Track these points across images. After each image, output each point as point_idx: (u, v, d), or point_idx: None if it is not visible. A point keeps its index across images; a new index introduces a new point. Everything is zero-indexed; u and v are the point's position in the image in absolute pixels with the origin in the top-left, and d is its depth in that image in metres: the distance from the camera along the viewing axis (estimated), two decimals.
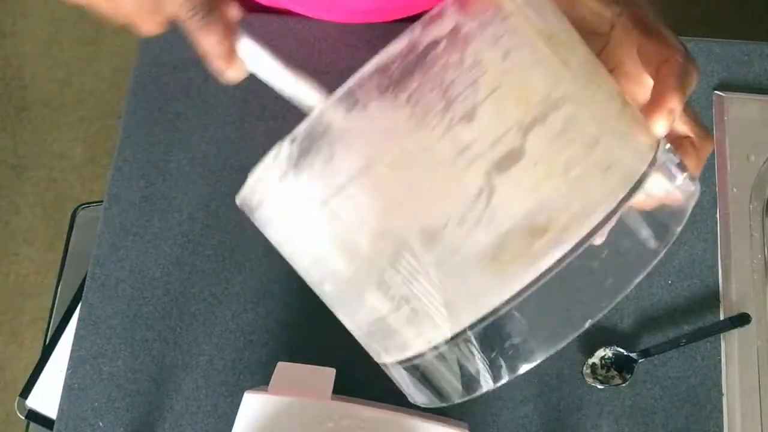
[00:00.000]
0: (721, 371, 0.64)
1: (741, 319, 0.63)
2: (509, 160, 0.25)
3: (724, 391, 0.63)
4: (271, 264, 0.68)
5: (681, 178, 0.30)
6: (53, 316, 0.99)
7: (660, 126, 0.30)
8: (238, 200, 0.31)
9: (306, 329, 0.66)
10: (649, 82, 0.33)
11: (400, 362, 0.30)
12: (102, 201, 0.72)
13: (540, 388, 0.64)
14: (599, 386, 0.63)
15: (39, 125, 1.66)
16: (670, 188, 0.29)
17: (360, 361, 0.65)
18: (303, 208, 0.28)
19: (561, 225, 0.26)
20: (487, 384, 0.28)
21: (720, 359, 0.64)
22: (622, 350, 0.63)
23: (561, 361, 0.64)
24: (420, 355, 0.29)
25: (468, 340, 0.27)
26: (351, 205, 0.27)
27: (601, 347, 0.64)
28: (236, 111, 0.74)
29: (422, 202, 0.26)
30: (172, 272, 0.68)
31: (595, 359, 0.64)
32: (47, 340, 0.97)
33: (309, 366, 0.57)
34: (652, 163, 0.28)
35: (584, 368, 0.63)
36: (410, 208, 0.26)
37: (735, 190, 0.69)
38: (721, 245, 0.67)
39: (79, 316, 0.67)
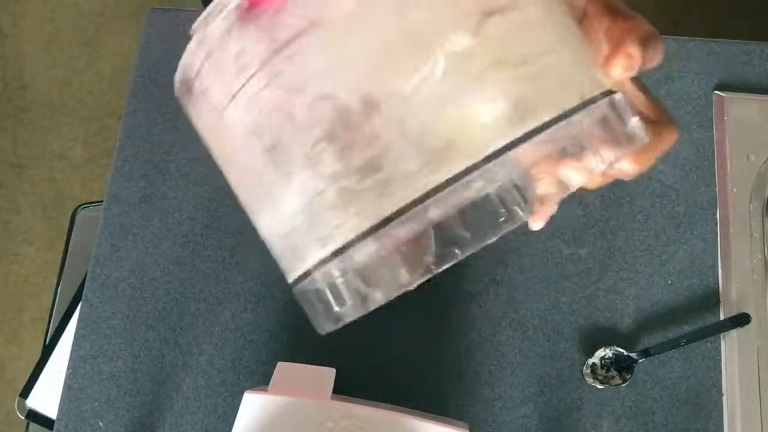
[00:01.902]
0: (721, 371, 0.64)
1: (741, 319, 0.63)
2: (462, 40, 0.24)
3: (724, 391, 0.63)
4: (271, 264, 0.68)
5: (632, 122, 0.28)
6: (53, 316, 0.99)
7: (617, 67, 0.29)
8: (179, 72, 0.29)
9: (306, 329, 0.66)
10: None
11: (323, 261, 0.27)
12: (102, 201, 0.72)
13: (540, 388, 0.64)
14: (599, 386, 0.63)
15: (39, 125, 1.66)
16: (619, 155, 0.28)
17: (360, 361, 0.66)
18: (244, 65, 0.26)
19: (509, 116, 0.24)
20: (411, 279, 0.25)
21: (720, 359, 0.64)
22: (622, 350, 0.63)
23: (561, 361, 0.64)
24: (347, 247, 0.26)
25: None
26: (299, 61, 0.25)
27: (601, 347, 0.64)
28: None
29: (369, 66, 0.24)
30: (172, 272, 0.68)
31: (595, 359, 0.64)
32: (47, 340, 0.97)
33: (309, 366, 0.57)
34: (607, 94, 0.27)
35: (584, 368, 0.63)
36: (356, 71, 0.24)
37: (735, 190, 0.69)
38: (721, 245, 0.67)
39: (79, 316, 0.67)
